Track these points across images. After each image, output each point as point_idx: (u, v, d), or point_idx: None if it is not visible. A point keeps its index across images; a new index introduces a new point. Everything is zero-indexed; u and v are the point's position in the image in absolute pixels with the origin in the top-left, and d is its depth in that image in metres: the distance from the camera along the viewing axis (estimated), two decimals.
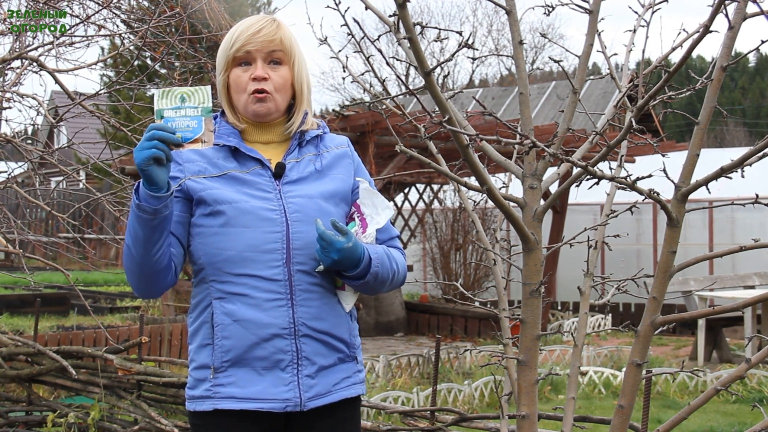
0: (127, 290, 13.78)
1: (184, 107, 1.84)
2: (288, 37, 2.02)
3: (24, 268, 4.19)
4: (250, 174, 1.98)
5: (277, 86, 2.00)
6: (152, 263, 1.89)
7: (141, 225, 1.84)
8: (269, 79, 1.99)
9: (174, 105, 1.85)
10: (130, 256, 1.91)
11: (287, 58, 2.02)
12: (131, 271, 1.93)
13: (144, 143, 1.79)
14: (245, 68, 2.00)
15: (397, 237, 2.15)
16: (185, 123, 1.83)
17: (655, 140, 1.78)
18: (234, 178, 1.97)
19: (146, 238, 1.85)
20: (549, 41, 15.18)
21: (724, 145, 34.21)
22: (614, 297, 4.38)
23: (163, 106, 1.85)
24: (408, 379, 6.99)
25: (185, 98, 1.85)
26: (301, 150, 2.06)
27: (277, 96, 2.00)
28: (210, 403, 1.94)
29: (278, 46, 2.00)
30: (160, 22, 4.24)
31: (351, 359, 2.04)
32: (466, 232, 12.03)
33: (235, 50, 1.99)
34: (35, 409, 4.87)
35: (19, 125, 4.93)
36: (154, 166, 1.79)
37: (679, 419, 1.75)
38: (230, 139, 2.01)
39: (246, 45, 1.98)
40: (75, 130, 4.35)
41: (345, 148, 2.13)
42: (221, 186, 1.96)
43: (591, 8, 1.70)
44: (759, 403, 4.99)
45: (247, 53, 1.99)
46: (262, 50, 1.99)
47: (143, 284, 1.95)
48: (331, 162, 2.07)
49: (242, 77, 2.00)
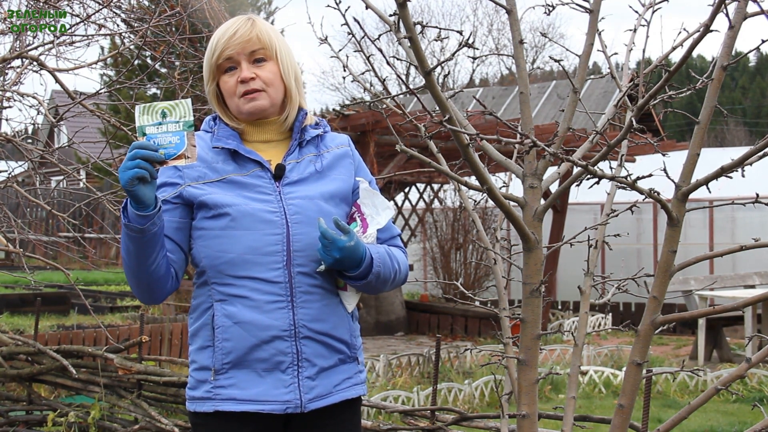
0: (127, 290, 13.78)
1: (166, 122, 1.81)
2: (266, 32, 2.01)
3: (24, 268, 4.19)
4: (250, 176, 1.98)
5: (267, 81, 1.99)
6: (149, 273, 1.90)
7: (132, 241, 1.85)
8: (257, 78, 1.98)
9: (155, 121, 1.82)
10: (127, 267, 1.92)
11: (270, 53, 2.00)
12: (131, 281, 1.95)
13: (127, 163, 1.78)
14: (232, 73, 2.00)
15: (398, 236, 2.15)
16: (167, 139, 1.81)
17: (656, 140, 1.78)
18: (233, 182, 1.97)
19: (138, 252, 1.86)
20: (549, 41, 15.19)
21: (724, 144, 34.21)
22: (614, 296, 4.38)
23: (144, 123, 1.82)
24: (408, 379, 6.99)
25: (166, 113, 1.82)
26: (302, 150, 2.05)
27: (270, 90, 2.00)
28: (211, 404, 1.94)
29: (256, 45, 1.99)
30: (161, 21, 4.24)
31: (352, 360, 2.04)
32: (466, 232, 12.03)
33: (216, 58, 1.99)
34: (35, 408, 4.87)
35: (20, 124, 4.92)
36: (140, 185, 1.78)
37: (679, 419, 1.75)
38: (229, 141, 2.00)
39: (225, 50, 1.98)
40: (75, 130, 4.35)
41: (346, 147, 2.12)
42: (221, 190, 1.95)
43: (591, 8, 1.70)
44: (759, 402, 5.00)
45: (228, 59, 1.99)
46: (241, 52, 1.98)
47: (144, 292, 1.96)
48: (331, 162, 2.06)
49: (230, 82, 2.00)
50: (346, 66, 1.87)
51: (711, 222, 12.32)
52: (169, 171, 1.99)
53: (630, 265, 12.00)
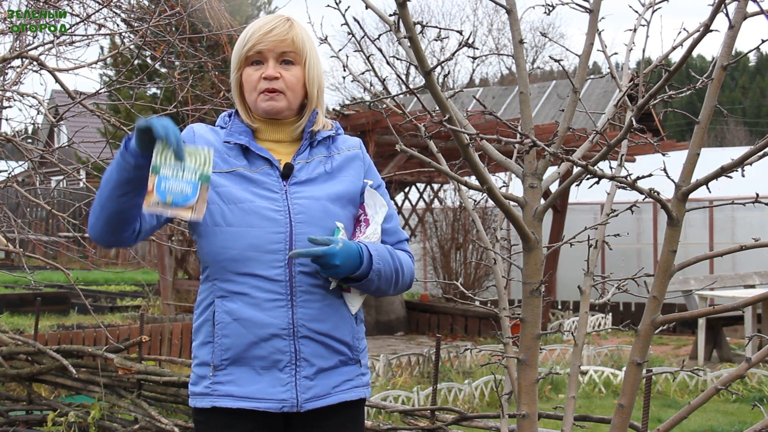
0: (127, 289, 13.79)
1: (183, 168, 1.76)
2: (300, 37, 2.02)
3: (24, 267, 4.19)
4: (259, 173, 1.99)
5: (289, 84, 2.00)
6: (116, 205, 1.87)
7: (118, 170, 1.83)
8: (281, 78, 1.99)
9: (172, 163, 1.76)
10: (99, 195, 1.89)
11: (299, 58, 2.02)
12: (93, 213, 1.92)
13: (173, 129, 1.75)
14: (257, 67, 2.01)
15: (405, 240, 2.14)
16: (180, 187, 1.75)
17: (656, 139, 1.78)
18: (242, 176, 1.98)
19: (118, 181, 1.84)
20: (549, 40, 15.19)
21: (724, 144, 34.22)
22: (614, 296, 4.36)
23: (160, 163, 1.76)
24: (408, 378, 6.99)
25: (186, 157, 1.77)
26: (312, 150, 2.05)
27: (289, 94, 2.00)
28: (209, 400, 1.95)
29: (289, 47, 2.00)
30: (161, 21, 4.24)
31: (354, 362, 2.03)
32: (466, 232, 12.03)
33: (247, 49, 2.00)
34: (35, 408, 4.87)
35: (20, 124, 4.93)
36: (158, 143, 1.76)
37: (679, 418, 1.75)
38: (241, 137, 2.01)
39: (257, 44, 1.98)
40: (75, 129, 4.36)
41: (357, 150, 2.12)
42: (229, 183, 1.96)
43: (591, 7, 1.70)
44: (759, 402, 4.99)
45: (258, 53, 1.99)
46: (273, 50, 1.99)
47: (101, 226, 1.92)
48: (341, 164, 2.07)
49: (253, 76, 2.00)
50: (346, 66, 1.87)
51: (711, 222, 12.32)
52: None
53: (630, 265, 12.00)
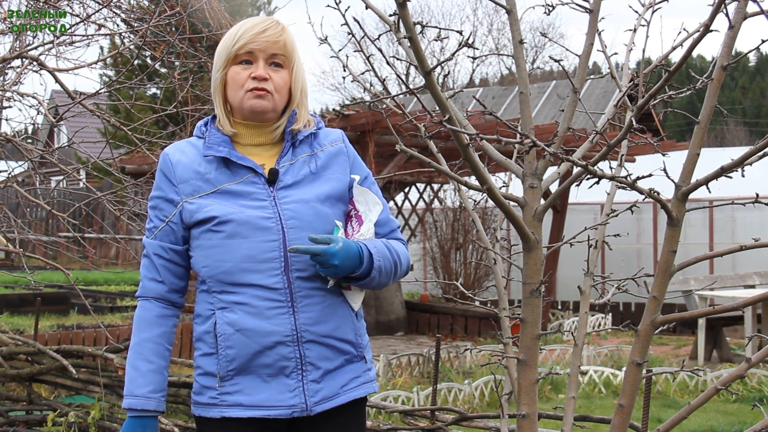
0: (127, 289, 13.78)
1: None
2: (291, 41, 2.02)
3: (24, 267, 4.19)
4: (244, 183, 1.97)
5: (277, 87, 1.99)
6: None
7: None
8: (270, 80, 1.98)
9: None
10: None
11: (288, 62, 2.01)
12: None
13: None
14: (245, 66, 1.98)
15: (397, 228, 2.13)
16: None
17: (656, 139, 1.78)
18: (228, 192, 1.96)
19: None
20: (549, 40, 15.19)
21: (724, 144, 34.22)
22: (614, 296, 4.36)
23: None
24: (408, 379, 6.99)
25: None
26: (295, 151, 2.03)
27: (276, 96, 1.99)
28: (217, 410, 1.95)
29: (281, 50, 1.99)
30: (161, 21, 4.24)
31: (359, 359, 2.03)
32: (466, 232, 12.03)
33: (237, 48, 1.98)
34: (35, 408, 4.86)
35: (20, 124, 4.93)
36: None
37: (679, 418, 1.75)
38: (221, 149, 1.98)
39: (249, 44, 1.97)
40: (75, 130, 4.35)
41: (340, 144, 2.09)
42: (216, 201, 1.95)
43: (591, 7, 1.70)
44: (759, 402, 4.99)
45: (249, 52, 1.98)
46: (264, 51, 1.98)
47: None
48: (326, 161, 2.05)
49: (241, 74, 1.98)
50: (346, 66, 1.87)
51: (711, 222, 12.32)
52: (164, 184, 2.00)
53: (630, 265, 12.01)
